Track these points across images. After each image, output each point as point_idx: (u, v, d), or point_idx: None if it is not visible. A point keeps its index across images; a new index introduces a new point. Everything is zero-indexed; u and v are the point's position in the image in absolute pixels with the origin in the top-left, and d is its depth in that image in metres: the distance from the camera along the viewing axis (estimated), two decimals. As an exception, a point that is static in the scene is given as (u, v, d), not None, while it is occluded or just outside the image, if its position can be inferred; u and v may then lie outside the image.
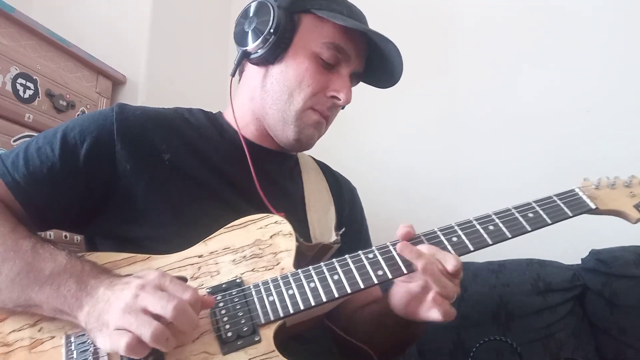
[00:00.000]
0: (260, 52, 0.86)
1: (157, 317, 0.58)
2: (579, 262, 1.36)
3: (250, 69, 0.93)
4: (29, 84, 1.29)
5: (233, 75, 0.92)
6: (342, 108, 0.95)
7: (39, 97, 1.32)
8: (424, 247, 0.71)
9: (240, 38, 0.89)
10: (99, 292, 0.63)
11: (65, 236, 1.31)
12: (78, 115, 1.42)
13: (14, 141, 1.24)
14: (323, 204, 0.97)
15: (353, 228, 1.03)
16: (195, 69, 1.96)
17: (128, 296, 0.59)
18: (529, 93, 1.67)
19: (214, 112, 0.98)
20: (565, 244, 1.40)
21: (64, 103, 1.38)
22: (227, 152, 0.89)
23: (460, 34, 1.83)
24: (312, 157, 1.09)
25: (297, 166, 1.02)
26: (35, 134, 1.27)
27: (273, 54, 0.86)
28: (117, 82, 1.64)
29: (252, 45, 0.86)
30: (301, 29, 0.87)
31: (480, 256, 1.17)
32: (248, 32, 0.87)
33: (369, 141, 1.86)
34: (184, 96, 1.80)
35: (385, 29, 0.87)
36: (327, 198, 1.00)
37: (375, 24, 0.92)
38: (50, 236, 1.26)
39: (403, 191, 1.74)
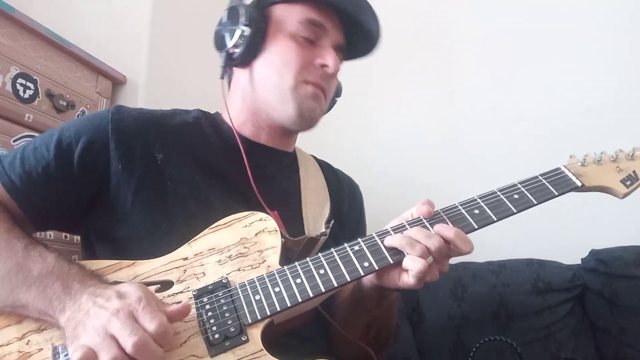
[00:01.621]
0: (240, 48, 0.89)
1: (120, 346, 0.58)
2: (579, 262, 1.36)
3: (237, 73, 0.96)
4: (29, 84, 1.29)
5: (222, 77, 0.95)
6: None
7: (39, 97, 1.32)
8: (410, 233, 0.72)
9: (219, 43, 0.93)
10: (82, 299, 0.63)
11: (65, 236, 1.31)
12: (78, 115, 1.42)
13: (14, 141, 1.24)
14: (319, 200, 0.98)
15: (351, 220, 1.04)
16: (196, 69, 1.96)
17: (102, 318, 0.60)
18: (528, 92, 1.67)
19: (212, 113, 0.99)
20: (565, 244, 1.40)
21: (64, 103, 1.38)
22: (223, 151, 0.90)
23: (460, 33, 1.83)
24: (313, 156, 1.10)
25: (294, 163, 1.02)
26: (35, 134, 1.27)
27: (252, 47, 0.89)
28: (117, 82, 1.64)
29: (230, 44, 0.89)
30: (273, 20, 0.91)
31: (480, 256, 1.17)
32: (224, 34, 0.91)
33: (367, 140, 1.86)
34: (184, 96, 1.80)
35: (385, 28, 0.87)
36: (324, 194, 1.00)
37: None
38: (50, 236, 1.26)
39: (402, 187, 1.74)
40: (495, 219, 0.74)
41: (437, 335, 1.29)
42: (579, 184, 0.78)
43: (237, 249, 0.74)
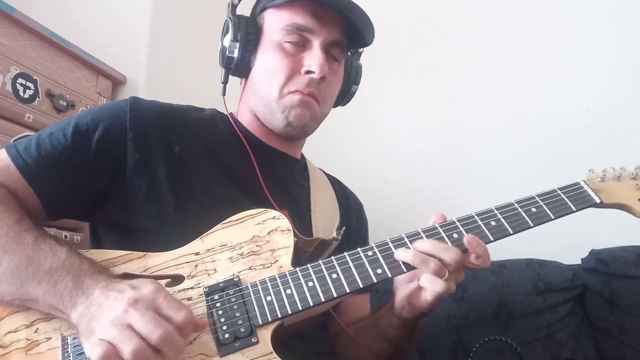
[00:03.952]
0: (234, 62, 0.92)
1: (141, 336, 0.57)
2: (579, 262, 1.36)
3: (244, 81, 0.98)
4: (29, 84, 1.29)
5: (223, 94, 0.96)
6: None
7: (39, 97, 1.32)
8: (423, 244, 0.72)
9: (219, 58, 0.96)
10: (94, 294, 0.62)
11: (66, 236, 1.31)
12: (78, 115, 1.43)
13: (14, 141, 1.23)
14: (328, 210, 0.98)
15: (359, 238, 1.04)
16: (196, 69, 1.96)
17: (118, 309, 0.59)
18: (528, 93, 1.67)
19: (225, 114, 1.00)
20: (565, 244, 1.40)
21: (64, 103, 1.38)
22: (236, 149, 0.91)
23: (459, 32, 1.83)
24: (322, 170, 1.10)
25: (305, 171, 1.03)
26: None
27: (244, 59, 0.92)
28: (117, 82, 1.64)
29: (224, 59, 0.93)
30: (265, 27, 0.92)
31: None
32: (222, 49, 0.94)
33: (367, 142, 1.86)
34: (184, 96, 1.78)
35: (384, 26, 0.86)
36: (333, 206, 1.00)
37: (373, 21, 0.92)
38: (50, 236, 1.26)
39: (404, 191, 1.74)
40: (511, 232, 0.74)
41: (437, 335, 1.28)
42: (598, 201, 0.77)
43: (249, 247, 0.74)
